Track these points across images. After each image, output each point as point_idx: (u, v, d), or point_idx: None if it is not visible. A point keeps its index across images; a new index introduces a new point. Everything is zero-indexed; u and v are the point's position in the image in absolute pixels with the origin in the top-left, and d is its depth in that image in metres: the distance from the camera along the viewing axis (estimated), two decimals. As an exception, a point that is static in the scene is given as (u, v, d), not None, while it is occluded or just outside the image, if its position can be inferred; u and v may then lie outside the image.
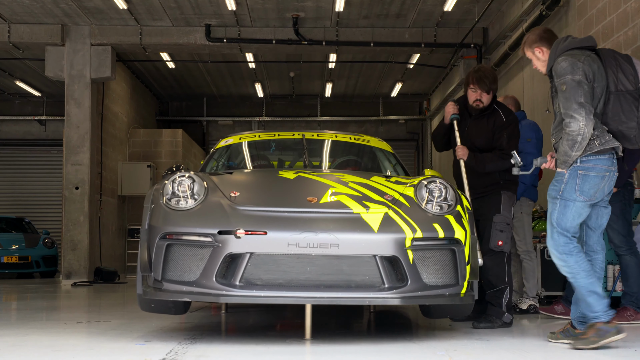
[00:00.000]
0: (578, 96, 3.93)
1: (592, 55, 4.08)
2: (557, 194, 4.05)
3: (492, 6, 12.17)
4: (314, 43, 13.47)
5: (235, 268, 3.92)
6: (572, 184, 4.00)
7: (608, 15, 7.71)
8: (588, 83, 3.97)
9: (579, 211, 4.01)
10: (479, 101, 5.35)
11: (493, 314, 5.07)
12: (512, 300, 5.26)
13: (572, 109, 3.92)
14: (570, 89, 3.95)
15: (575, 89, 3.94)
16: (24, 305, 7.55)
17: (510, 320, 5.12)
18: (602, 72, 4.04)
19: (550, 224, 4.07)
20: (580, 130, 3.89)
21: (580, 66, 3.98)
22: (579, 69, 3.97)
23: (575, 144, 3.92)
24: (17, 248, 15.05)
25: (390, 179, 4.81)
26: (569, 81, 3.97)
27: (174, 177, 4.33)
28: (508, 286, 5.15)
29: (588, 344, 3.84)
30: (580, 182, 3.98)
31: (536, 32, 4.35)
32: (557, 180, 4.07)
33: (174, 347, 3.92)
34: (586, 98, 3.94)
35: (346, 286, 3.95)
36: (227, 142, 6.10)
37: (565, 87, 3.97)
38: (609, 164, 4.01)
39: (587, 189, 3.98)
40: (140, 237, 4.24)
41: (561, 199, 4.02)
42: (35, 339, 4.35)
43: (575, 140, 3.91)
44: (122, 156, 16.75)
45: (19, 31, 13.28)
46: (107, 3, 12.34)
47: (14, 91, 18.99)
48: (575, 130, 3.90)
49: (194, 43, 13.60)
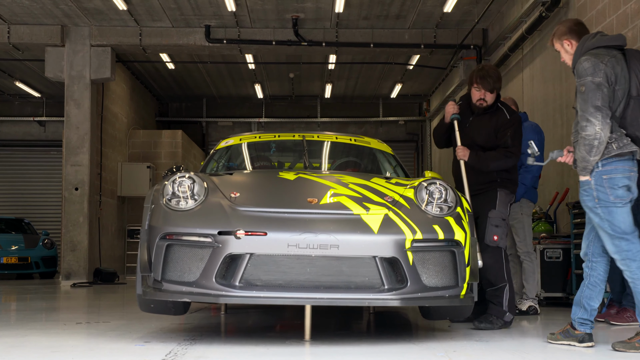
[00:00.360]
0: (596, 99, 3.87)
1: (617, 55, 3.99)
2: (594, 203, 3.97)
3: (491, 7, 12.18)
4: (314, 44, 13.48)
5: (235, 269, 3.91)
6: (602, 190, 3.93)
7: (608, 17, 7.71)
8: (609, 86, 3.90)
9: (624, 212, 3.92)
10: (482, 100, 5.33)
11: (494, 314, 5.03)
12: (514, 298, 5.19)
13: (588, 112, 3.87)
14: (588, 92, 3.89)
15: (594, 91, 3.88)
16: (23, 306, 7.55)
17: (510, 320, 5.08)
18: (626, 75, 3.96)
19: (605, 233, 3.97)
20: (597, 135, 3.84)
21: (602, 68, 3.91)
22: (600, 70, 3.90)
23: (592, 149, 3.86)
24: (17, 249, 15.05)
25: (390, 181, 4.81)
26: (588, 83, 3.90)
27: (174, 178, 4.33)
28: (508, 283, 5.09)
29: (630, 349, 3.81)
30: (608, 185, 3.91)
31: (567, 24, 4.25)
32: (586, 190, 4.00)
33: (174, 348, 3.92)
34: (604, 102, 3.87)
35: (346, 287, 3.95)
36: (228, 143, 6.10)
37: (584, 89, 3.91)
38: (630, 164, 3.94)
39: (619, 190, 3.91)
40: (140, 238, 4.24)
41: (601, 207, 3.94)
42: (35, 339, 4.35)
43: (592, 144, 3.85)
44: (122, 157, 16.75)
45: (18, 32, 13.28)
46: (107, 4, 12.34)
47: (14, 92, 18.99)
48: (591, 135, 3.85)
49: (193, 44, 13.61)
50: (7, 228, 16.14)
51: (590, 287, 4.11)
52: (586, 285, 4.12)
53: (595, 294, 4.09)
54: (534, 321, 5.80)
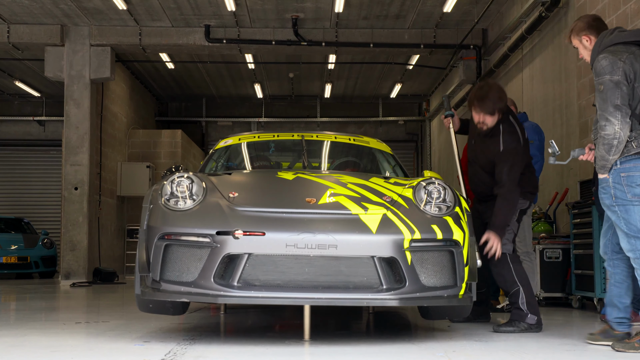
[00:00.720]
0: (615, 98, 3.82)
1: (636, 52, 3.92)
2: (611, 201, 3.94)
3: (491, 7, 12.18)
4: (314, 44, 13.48)
5: (234, 269, 3.91)
6: (620, 188, 3.89)
7: (607, 17, 7.70)
8: (627, 84, 3.85)
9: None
10: (482, 123, 5.09)
11: (514, 318, 4.96)
12: (534, 298, 5.04)
13: (608, 111, 3.83)
14: (607, 90, 3.84)
15: (612, 90, 3.83)
16: (22, 305, 7.55)
17: (535, 321, 4.93)
18: None
19: (621, 231, 3.94)
20: (616, 134, 3.81)
21: (621, 65, 3.85)
22: (618, 68, 3.85)
23: (612, 148, 3.84)
24: (16, 248, 15.05)
25: (389, 180, 4.81)
26: (607, 82, 3.85)
27: (173, 178, 4.33)
28: (520, 286, 4.99)
29: (630, 349, 3.79)
30: (626, 183, 3.87)
31: (585, 20, 4.19)
32: (604, 187, 3.97)
33: (173, 347, 3.92)
34: (623, 100, 3.82)
35: (344, 287, 3.95)
36: (227, 143, 6.10)
37: (602, 88, 3.87)
38: None
39: (637, 189, 3.86)
40: (139, 238, 4.24)
41: (618, 205, 3.91)
42: (34, 339, 4.35)
43: (612, 144, 3.83)
44: (121, 157, 16.75)
45: (18, 32, 13.28)
46: (106, 3, 12.34)
47: (14, 91, 18.99)
48: (610, 134, 3.82)
49: (193, 44, 13.60)
50: (7, 228, 16.14)
51: (617, 285, 4.10)
52: (612, 284, 4.11)
53: (623, 290, 4.09)
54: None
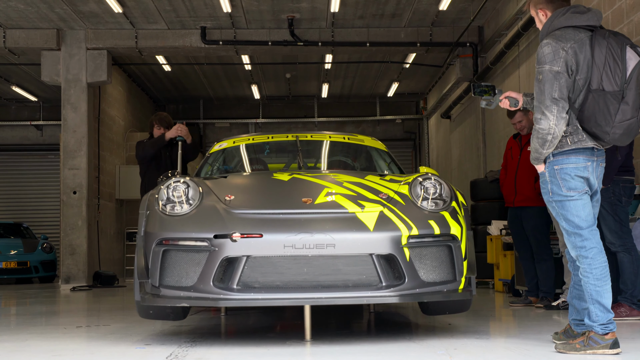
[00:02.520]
0: (553, 90, 3.60)
1: (585, 39, 3.66)
2: (548, 197, 3.79)
3: (487, 5, 12.18)
4: (310, 44, 13.48)
5: (232, 271, 3.92)
6: (555, 182, 3.72)
7: (603, 12, 7.69)
8: (569, 76, 3.62)
9: (578, 205, 3.68)
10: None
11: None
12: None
13: (544, 104, 3.62)
14: (546, 82, 3.62)
15: (551, 81, 3.61)
16: (23, 310, 7.55)
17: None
18: (589, 62, 3.63)
19: (560, 227, 3.82)
20: (551, 130, 3.62)
21: (563, 55, 3.61)
22: (560, 58, 3.61)
23: (545, 143, 3.66)
24: (16, 253, 15.04)
25: (384, 178, 4.81)
26: (546, 72, 3.62)
27: (169, 183, 4.33)
28: None
29: (570, 350, 3.64)
30: (561, 177, 3.70)
31: None
32: (543, 182, 3.82)
33: (174, 350, 3.92)
34: (561, 93, 3.61)
35: (344, 286, 3.96)
36: (222, 146, 6.11)
37: (541, 77, 3.64)
38: (588, 154, 3.69)
39: (572, 182, 3.67)
40: (137, 244, 4.25)
41: (555, 201, 3.74)
42: (35, 344, 4.35)
43: (545, 139, 3.65)
44: (120, 160, 16.74)
45: (14, 36, 13.27)
46: (102, 7, 12.33)
47: (11, 96, 18.98)
48: (545, 129, 3.63)
49: (189, 46, 13.60)
50: (6, 233, 16.13)
51: (576, 287, 3.89)
52: (573, 285, 3.92)
53: (583, 292, 3.83)
54: (535, 318, 5.78)
